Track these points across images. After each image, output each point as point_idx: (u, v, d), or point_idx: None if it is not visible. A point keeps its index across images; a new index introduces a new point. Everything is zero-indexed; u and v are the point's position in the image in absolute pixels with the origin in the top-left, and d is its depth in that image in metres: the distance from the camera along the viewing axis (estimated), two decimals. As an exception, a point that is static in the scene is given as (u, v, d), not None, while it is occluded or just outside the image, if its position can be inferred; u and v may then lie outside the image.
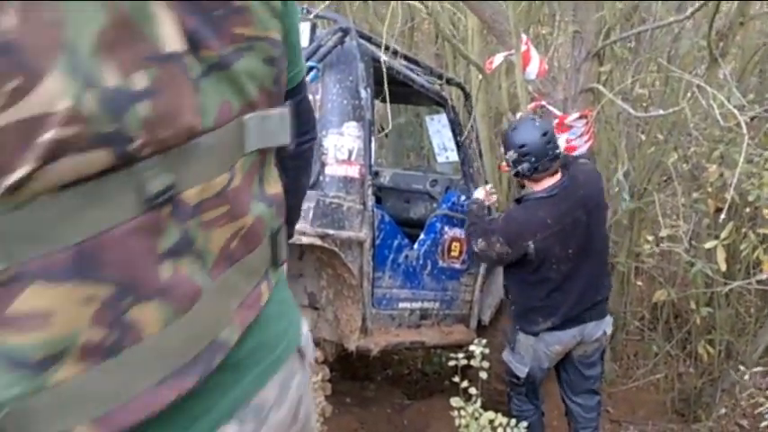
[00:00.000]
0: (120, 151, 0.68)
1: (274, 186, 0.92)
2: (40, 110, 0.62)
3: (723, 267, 3.48)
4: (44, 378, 0.67)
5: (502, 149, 3.05)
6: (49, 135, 0.63)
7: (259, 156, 0.86)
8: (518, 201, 3.11)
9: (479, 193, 3.30)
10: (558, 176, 2.98)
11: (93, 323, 0.69)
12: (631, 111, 3.60)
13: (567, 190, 2.94)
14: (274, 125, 0.88)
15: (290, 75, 0.98)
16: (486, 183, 3.73)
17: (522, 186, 3.09)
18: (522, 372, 3.12)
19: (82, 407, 0.69)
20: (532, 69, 3.57)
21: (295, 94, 1.01)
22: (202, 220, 0.77)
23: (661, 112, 3.55)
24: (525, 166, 2.91)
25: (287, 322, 0.98)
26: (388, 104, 3.02)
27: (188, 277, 0.76)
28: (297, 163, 1.08)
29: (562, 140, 3.43)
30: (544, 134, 2.92)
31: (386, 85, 2.99)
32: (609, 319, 3.19)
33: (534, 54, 3.59)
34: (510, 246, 2.94)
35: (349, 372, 4.21)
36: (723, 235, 3.41)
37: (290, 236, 1.11)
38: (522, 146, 2.90)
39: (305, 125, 1.08)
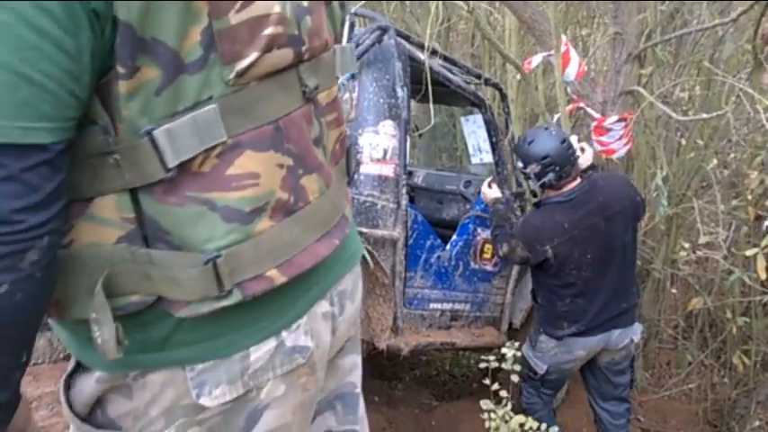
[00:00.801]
0: (297, 51, 0.90)
1: None
2: (263, 11, 0.83)
3: (763, 276, 3.40)
4: (251, 228, 0.85)
5: (519, 163, 3.00)
6: (268, 31, 0.84)
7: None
8: (537, 204, 3.08)
9: (494, 192, 3.26)
10: (577, 181, 2.96)
11: (282, 185, 0.89)
12: (673, 114, 3.53)
13: (585, 194, 2.92)
14: (348, 57, 1.07)
15: None
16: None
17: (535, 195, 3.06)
18: (540, 368, 3.09)
19: (271, 254, 0.88)
20: (572, 71, 3.53)
21: None
22: (327, 121, 1.00)
23: (704, 116, 3.47)
24: (551, 176, 2.89)
25: (355, 230, 1.15)
26: (431, 104, 3.01)
27: (326, 163, 0.98)
28: None
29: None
30: (563, 141, 2.90)
31: (429, 85, 2.98)
32: (637, 327, 3.13)
33: (574, 55, 3.54)
34: (529, 251, 2.93)
35: (377, 371, 4.20)
36: (764, 243, 3.33)
37: None
38: (546, 157, 2.87)
39: None
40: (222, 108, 0.81)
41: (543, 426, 2.79)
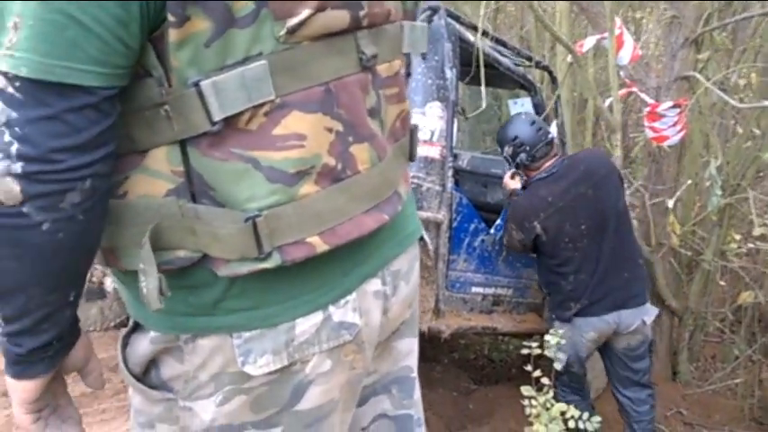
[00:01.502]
0: (354, 15, 0.87)
1: None
2: None
3: (818, 271, 3.29)
4: (295, 190, 0.83)
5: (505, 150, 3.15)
6: None
7: (405, 59, 1.04)
8: (524, 188, 3.15)
9: (514, 184, 3.19)
10: (556, 157, 3.10)
11: (330, 150, 0.86)
12: (731, 101, 3.42)
13: (566, 167, 3.05)
14: (419, 35, 1.05)
15: None
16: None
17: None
18: (561, 361, 3.04)
19: (314, 220, 0.85)
20: (625, 54, 3.44)
21: None
22: (386, 94, 0.96)
23: (765, 103, 3.35)
24: (523, 156, 3.05)
25: (414, 210, 1.13)
26: (483, 87, 2.97)
27: (378, 135, 0.94)
28: None
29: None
30: (532, 123, 3.09)
31: (481, 67, 2.93)
32: (650, 308, 3.13)
33: (628, 38, 3.45)
34: (522, 231, 3.02)
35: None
36: (821, 237, 3.21)
37: None
38: (515, 138, 3.06)
39: None
40: (272, 65, 0.80)
41: (585, 414, 2.76)
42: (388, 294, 1.01)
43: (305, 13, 0.80)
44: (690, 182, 4.15)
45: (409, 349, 1.19)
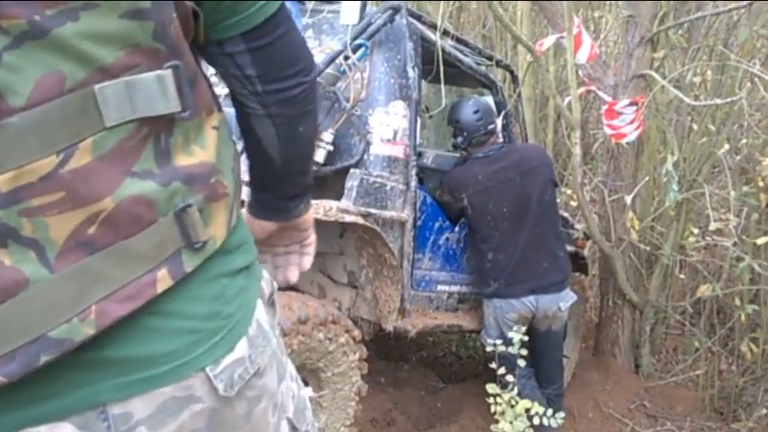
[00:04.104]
0: None
1: (194, 156, 0.80)
2: None
3: (773, 264, 3.38)
4: None
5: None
6: None
7: (148, 127, 0.75)
8: (464, 160, 3.40)
9: None
10: (497, 143, 3.34)
11: None
12: (686, 99, 3.49)
13: (502, 153, 3.27)
14: (148, 90, 0.74)
15: (242, 15, 0.85)
16: None
17: None
18: (489, 345, 3.07)
19: None
20: (583, 53, 3.49)
21: (259, 36, 0.87)
22: (25, 207, 0.69)
23: (718, 101, 3.44)
24: (459, 139, 3.28)
25: (206, 328, 0.81)
26: (443, 86, 2.98)
27: (8, 266, 0.69)
28: (286, 110, 0.94)
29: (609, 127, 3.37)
30: (475, 112, 3.25)
31: (440, 66, 2.94)
32: (566, 294, 3.35)
33: (586, 38, 3.50)
34: (452, 196, 3.31)
35: (383, 351, 4.21)
36: (775, 230, 3.30)
37: (296, 194, 1.09)
38: (457, 121, 3.28)
39: (286, 67, 0.91)
40: None
41: (549, 411, 2.79)
42: None
43: None
44: (647, 178, 4.23)
45: None
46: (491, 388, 2.78)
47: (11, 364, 0.69)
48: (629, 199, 3.81)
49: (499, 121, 3.50)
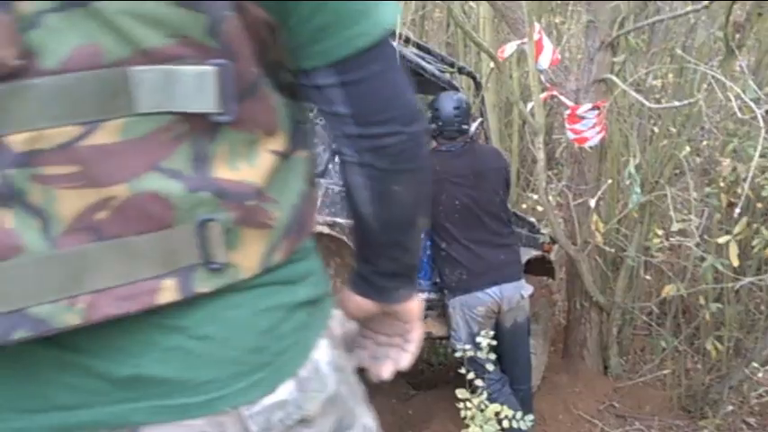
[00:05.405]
0: None
1: (238, 172, 0.75)
2: None
3: (735, 263, 3.43)
4: None
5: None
6: None
7: (188, 125, 0.71)
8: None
9: None
10: (460, 140, 3.41)
11: None
12: (645, 102, 3.54)
13: (462, 150, 3.39)
14: (186, 84, 0.70)
15: (328, 44, 0.77)
16: None
17: None
18: (461, 345, 3.08)
19: None
20: (545, 59, 3.52)
21: (348, 70, 0.78)
22: (37, 174, 0.67)
23: (676, 103, 3.49)
24: (433, 126, 3.36)
25: (249, 361, 0.75)
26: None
27: (6, 229, 0.67)
28: (380, 162, 0.82)
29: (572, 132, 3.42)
30: (456, 107, 3.36)
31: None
32: (525, 284, 3.49)
33: (547, 43, 3.54)
34: None
35: (353, 361, 4.18)
36: (736, 230, 3.35)
37: (395, 273, 0.94)
38: (436, 109, 3.37)
39: (380, 111, 0.81)
40: None
41: (519, 414, 2.80)
42: None
43: None
44: (611, 181, 4.28)
45: None
46: (461, 393, 2.78)
47: None
48: (593, 202, 3.85)
49: (474, 126, 3.55)
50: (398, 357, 1.02)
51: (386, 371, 1.02)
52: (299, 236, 0.82)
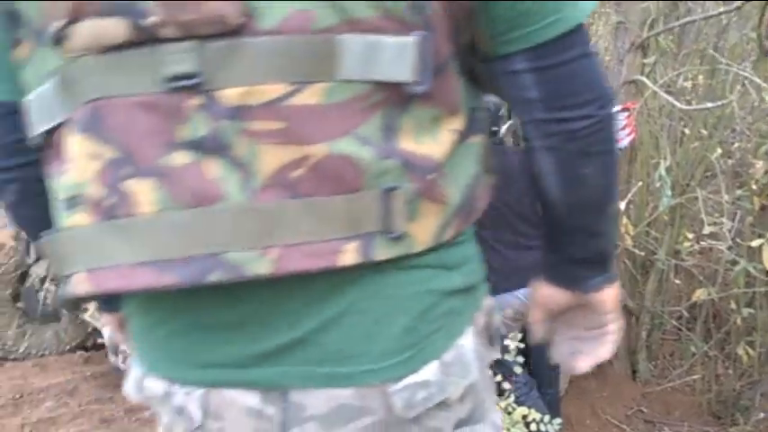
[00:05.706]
0: (135, 24, 0.69)
1: (423, 145, 0.76)
2: None
3: (768, 267, 3.37)
4: (67, 218, 0.75)
5: None
6: None
7: (382, 94, 0.73)
8: None
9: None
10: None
11: (95, 179, 0.73)
12: (677, 103, 3.50)
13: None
14: (387, 53, 0.72)
15: (529, 29, 0.78)
16: None
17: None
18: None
19: (82, 255, 0.74)
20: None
21: (546, 55, 0.79)
22: (245, 128, 0.71)
23: (709, 105, 3.44)
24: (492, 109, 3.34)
25: (399, 341, 0.77)
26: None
27: (210, 178, 0.71)
28: (569, 145, 0.83)
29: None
30: (486, 110, 3.30)
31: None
32: None
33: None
34: None
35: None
36: (769, 234, 3.30)
37: (587, 260, 0.92)
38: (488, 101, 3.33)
39: (574, 95, 0.81)
40: (59, 82, 0.75)
41: (546, 417, 2.78)
42: (274, 419, 0.78)
43: (56, 23, 0.71)
44: (641, 183, 4.23)
45: None
46: (488, 396, 2.77)
47: (183, 270, 0.71)
48: (622, 205, 3.81)
49: (504, 128, 3.54)
50: (597, 350, 0.98)
51: (582, 364, 1.00)
52: (468, 217, 0.85)
